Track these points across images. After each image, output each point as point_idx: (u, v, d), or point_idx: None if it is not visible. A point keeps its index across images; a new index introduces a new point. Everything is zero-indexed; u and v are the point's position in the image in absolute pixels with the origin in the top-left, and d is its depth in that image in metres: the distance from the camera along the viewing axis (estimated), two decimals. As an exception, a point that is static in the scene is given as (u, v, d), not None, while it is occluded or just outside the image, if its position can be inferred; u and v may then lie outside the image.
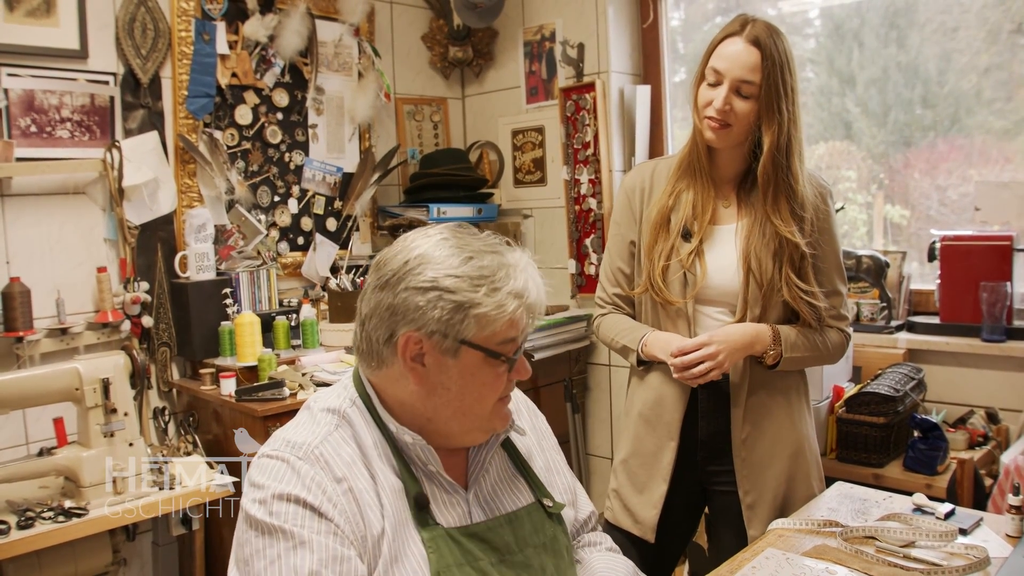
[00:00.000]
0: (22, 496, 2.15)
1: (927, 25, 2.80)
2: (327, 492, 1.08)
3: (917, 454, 2.27)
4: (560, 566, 1.23)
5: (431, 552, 1.11)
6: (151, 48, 2.75)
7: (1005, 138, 2.70)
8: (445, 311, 1.09)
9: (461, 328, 1.10)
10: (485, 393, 1.15)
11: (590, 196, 3.31)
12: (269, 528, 1.05)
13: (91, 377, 2.14)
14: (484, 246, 1.15)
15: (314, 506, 1.06)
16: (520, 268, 1.14)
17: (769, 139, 1.76)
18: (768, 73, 1.73)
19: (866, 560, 1.44)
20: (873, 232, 2.98)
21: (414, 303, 1.10)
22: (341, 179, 3.34)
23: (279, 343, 2.90)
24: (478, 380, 1.14)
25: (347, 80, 3.35)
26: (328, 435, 1.14)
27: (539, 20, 3.49)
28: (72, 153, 2.58)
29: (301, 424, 1.18)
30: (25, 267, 2.49)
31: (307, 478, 1.08)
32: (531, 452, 1.34)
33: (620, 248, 2.00)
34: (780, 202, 1.79)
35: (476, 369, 1.13)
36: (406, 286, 1.11)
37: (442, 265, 1.11)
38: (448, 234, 1.16)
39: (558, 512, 1.28)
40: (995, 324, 2.44)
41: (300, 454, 1.10)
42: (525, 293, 1.13)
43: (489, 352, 1.12)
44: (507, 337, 1.13)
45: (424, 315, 1.10)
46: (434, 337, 1.10)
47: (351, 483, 1.10)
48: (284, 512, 1.06)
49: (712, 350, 1.74)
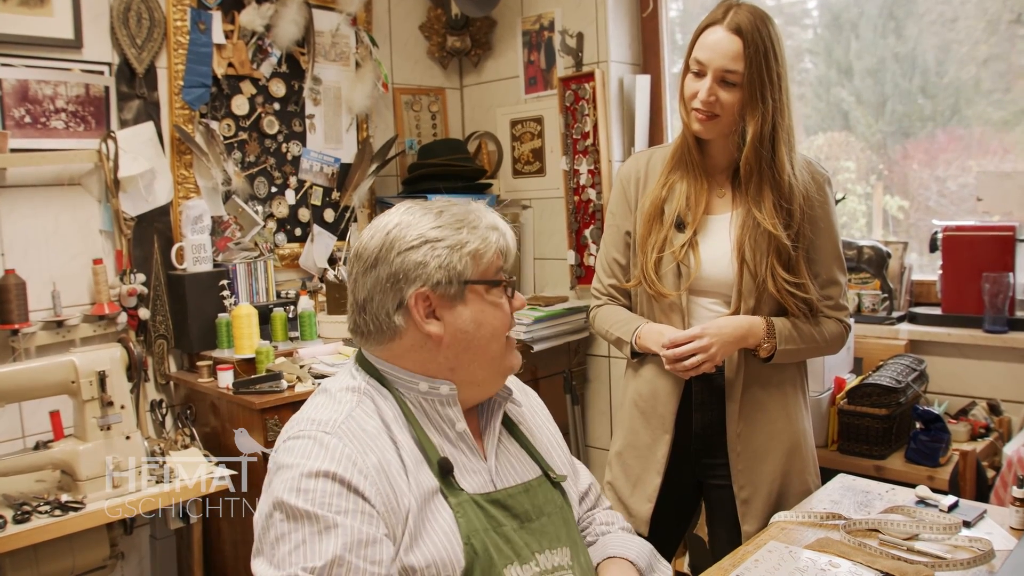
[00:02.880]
0: (18, 490, 2.14)
1: (926, 15, 2.78)
2: (357, 464, 1.09)
3: (919, 446, 2.27)
4: (571, 534, 1.28)
5: (459, 516, 1.15)
6: (146, 38, 2.72)
7: (1004, 129, 2.69)
8: (442, 257, 1.17)
9: (461, 269, 1.18)
10: (497, 327, 1.23)
11: (589, 187, 3.29)
12: (296, 512, 1.06)
13: (87, 370, 2.12)
14: (445, 203, 1.25)
15: (344, 479, 1.07)
16: (483, 209, 1.26)
17: (752, 129, 1.73)
18: (751, 61, 1.69)
19: (869, 553, 1.43)
20: (872, 223, 2.97)
21: (412, 261, 1.17)
22: (339, 170, 3.32)
23: (277, 335, 2.88)
24: (488, 316, 1.22)
25: (344, 70, 3.32)
26: (352, 410, 1.17)
27: (538, 9, 3.47)
28: (67, 144, 2.56)
29: (322, 405, 1.20)
30: (20, 259, 2.47)
31: (336, 451, 1.10)
32: (530, 429, 1.38)
33: (616, 238, 1.98)
34: (764, 193, 1.77)
35: (484, 306, 1.22)
36: (398, 251, 1.18)
37: (420, 224, 1.20)
38: (409, 204, 1.25)
39: (561, 482, 1.32)
40: (997, 315, 2.43)
41: (328, 429, 1.13)
42: (497, 224, 1.25)
43: (491, 282, 1.22)
44: (499, 266, 1.24)
45: (425, 268, 1.17)
46: (439, 288, 1.18)
47: (379, 455, 1.12)
48: (313, 490, 1.06)
49: (704, 343, 1.73)
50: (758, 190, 1.77)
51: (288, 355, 2.69)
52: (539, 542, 1.21)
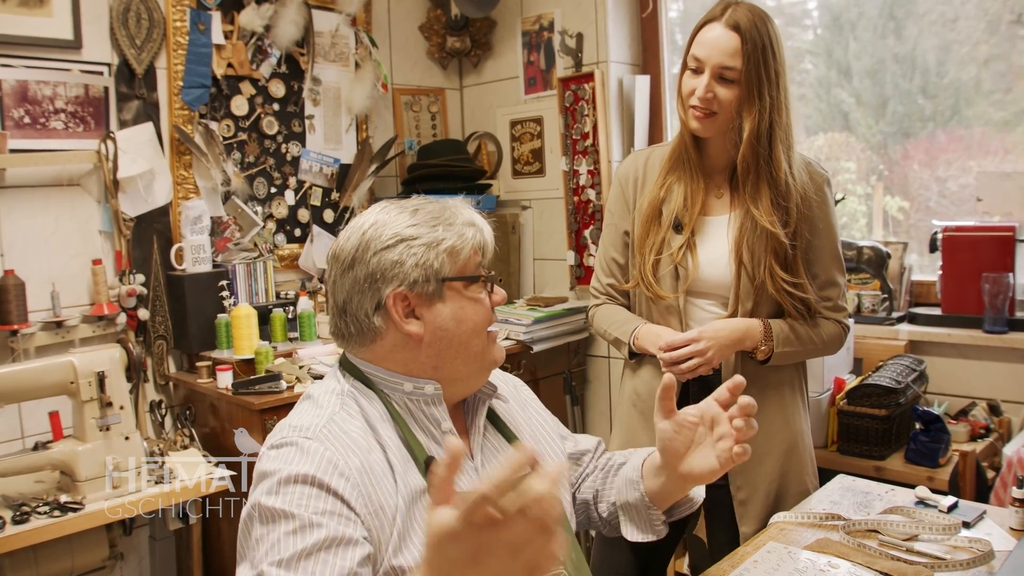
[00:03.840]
0: (18, 491, 2.13)
1: (926, 16, 2.78)
2: (338, 467, 1.08)
3: (919, 446, 2.26)
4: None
5: None
6: (146, 38, 2.72)
7: (1005, 129, 2.69)
8: (418, 255, 1.16)
9: (438, 266, 1.17)
10: (478, 322, 1.22)
11: (589, 187, 3.29)
12: (273, 513, 1.05)
13: (86, 370, 2.12)
14: (421, 201, 1.24)
15: (323, 482, 1.06)
16: (460, 206, 1.24)
17: (749, 126, 1.72)
18: (749, 57, 1.69)
19: (869, 554, 1.43)
20: (873, 223, 2.97)
21: (389, 260, 1.16)
22: (338, 170, 3.32)
23: (276, 336, 2.88)
24: (468, 313, 1.21)
25: (344, 70, 3.32)
26: (334, 413, 1.16)
27: (537, 10, 3.46)
28: (66, 144, 2.55)
29: (305, 411, 1.20)
30: (20, 260, 2.46)
31: (316, 455, 1.09)
32: (518, 425, 1.37)
33: (614, 238, 1.98)
34: (761, 191, 1.76)
35: (463, 303, 1.20)
36: (374, 251, 1.17)
37: (396, 223, 1.19)
38: (384, 203, 1.25)
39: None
40: (997, 315, 2.43)
41: (308, 434, 1.12)
42: (474, 220, 1.23)
43: (469, 278, 1.21)
44: (477, 262, 1.22)
45: (402, 267, 1.16)
46: (416, 286, 1.17)
47: (363, 457, 1.11)
48: (291, 493, 1.06)
49: (701, 346, 1.73)
50: (755, 188, 1.77)
51: (287, 356, 2.69)
52: None
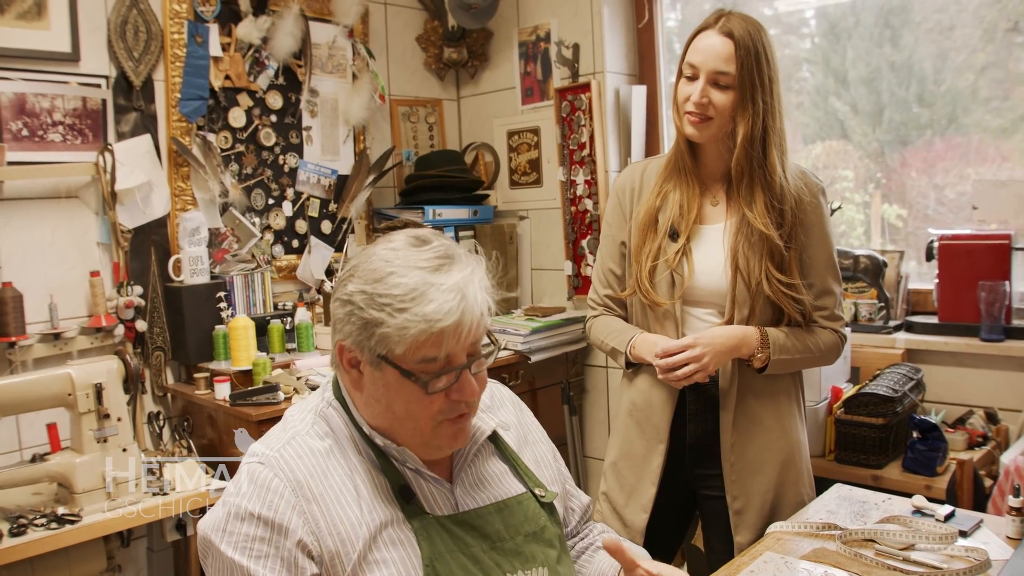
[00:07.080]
0: (15, 503, 2.13)
1: (922, 24, 2.79)
2: (285, 496, 1.09)
3: (916, 455, 2.26)
4: (551, 555, 1.23)
5: (422, 540, 1.12)
6: (143, 50, 2.73)
7: (1002, 136, 2.69)
8: (356, 326, 1.10)
9: (373, 344, 1.08)
10: (414, 410, 1.11)
11: (586, 197, 3.29)
12: (221, 558, 1.08)
13: (84, 382, 2.12)
14: (421, 261, 1.09)
15: (270, 520, 1.07)
16: (446, 288, 1.06)
17: (743, 130, 1.75)
18: (742, 63, 1.72)
19: (865, 563, 1.43)
20: (871, 231, 2.97)
21: (337, 314, 1.13)
22: (336, 181, 3.33)
23: (274, 347, 2.88)
24: (403, 397, 1.11)
25: (341, 82, 3.33)
26: (296, 435, 1.16)
27: (534, 21, 3.48)
28: (64, 157, 2.56)
29: (274, 430, 1.21)
30: (18, 271, 2.47)
31: (263, 486, 1.09)
32: (519, 446, 1.34)
33: (611, 249, 1.99)
34: (756, 194, 1.78)
35: (399, 385, 1.10)
36: (336, 297, 1.14)
37: (361, 279, 1.10)
38: (399, 244, 1.13)
39: (550, 501, 1.28)
40: (994, 323, 2.43)
41: (264, 459, 1.13)
42: (439, 317, 1.05)
43: (403, 371, 1.09)
44: (425, 356, 1.08)
45: (344, 327, 1.12)
46: (357, 348, 1.11)
47: (322, 480, 1.12)
48: (237, 534, 1.08)
49: (697, 352, 1.73)
50: (750, 191, 1.79)
51: (285, 367, 2.69)
52: (511, 563, 1.17)
